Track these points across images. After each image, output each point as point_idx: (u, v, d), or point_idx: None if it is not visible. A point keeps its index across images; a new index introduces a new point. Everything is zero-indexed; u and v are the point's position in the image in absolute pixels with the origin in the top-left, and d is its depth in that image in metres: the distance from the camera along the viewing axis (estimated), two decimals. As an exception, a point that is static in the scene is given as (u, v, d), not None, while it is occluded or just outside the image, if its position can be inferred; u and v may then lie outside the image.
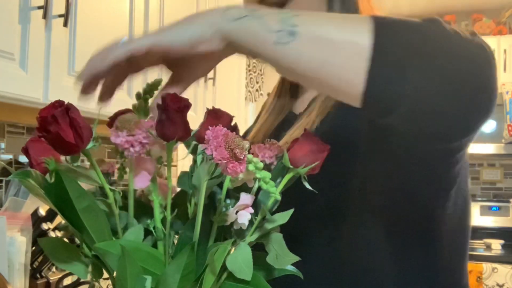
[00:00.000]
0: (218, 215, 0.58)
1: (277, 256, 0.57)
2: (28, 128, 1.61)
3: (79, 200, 0.54)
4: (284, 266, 0.58)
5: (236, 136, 0.53)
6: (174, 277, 0.54)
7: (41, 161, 0.55)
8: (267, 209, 0.58)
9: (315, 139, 0.59)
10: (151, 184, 0.59)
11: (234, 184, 0.60)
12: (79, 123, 0.52)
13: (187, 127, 0.55)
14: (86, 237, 0.55)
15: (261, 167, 0.55)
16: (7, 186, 1.49)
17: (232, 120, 0.64)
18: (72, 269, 0.59)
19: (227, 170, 0.52)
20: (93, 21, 1.35)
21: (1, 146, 1.54)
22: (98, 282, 0.61)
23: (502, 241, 3.13)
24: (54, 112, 0.50)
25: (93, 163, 0.56)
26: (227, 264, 0.55)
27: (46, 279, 1.34)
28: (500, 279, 2.72)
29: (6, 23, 1.10)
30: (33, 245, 1.28)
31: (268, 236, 0.59)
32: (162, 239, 0.59)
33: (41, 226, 1.29)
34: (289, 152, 0.60)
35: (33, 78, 1.16)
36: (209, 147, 0.52)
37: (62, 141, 0.51)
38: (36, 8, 1.15)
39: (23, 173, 0.53)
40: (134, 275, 0.53)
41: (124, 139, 0.55)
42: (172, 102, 0.54)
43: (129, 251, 0.52)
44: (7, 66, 1.10)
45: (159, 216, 0.59)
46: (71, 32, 1.27)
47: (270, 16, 0.54)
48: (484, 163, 3.60)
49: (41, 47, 1.18)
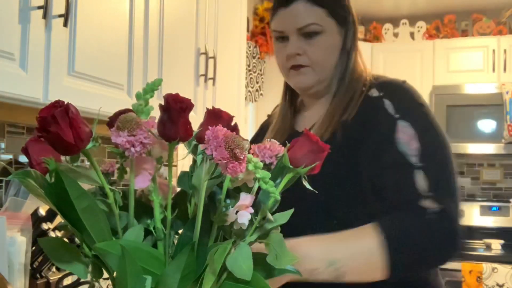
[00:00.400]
0: (218, 215, 0.58)
1: (277, 256, 0.57)
2: (28, 128, 1.61)
3: (79, 200, 0.54)
4: (284, 266, 0.58)
5: (236, 136, 0.53)
6: (174, 277, 0.54)
7: (41, 161, 0.55)
8: (267, 209, 0.58)
9: (315, 140, 0.59)
10: (151, 184, 0.59)
11: (234, 184, 0.60)
12: (79, 123, 0.52)
13: (189, 127, 0.56)
14: (86, 237, 0.55)
15: (261, 167, 0.55)
16: (7, 186, 1.49)
17: (232, 120, 0.64)
18: (72, 269, 0.59)
19: (227, 170, 0.52)
20: (93, 21, 1.35)
21: (1, 146, 1.54)
22: (98, 282, 0.61)
23: (502, 241, 3.13)
24: (54, 112, 0.50)
25: (93, 163, 0.56)
26: (227, 264, 0.55)
27: (46, 279, 1.34)
28: (500, 279, 2.72)
29: (6, 23, 1.10)
30: (33, 245, 1.28)
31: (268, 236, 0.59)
32: (162, 239, 0.59)
33: (41, 226, 1.29)
34: (289, 152, 0.60)
35: (33, 78, 1.16)
36: (209, 147, 0.52)
37: (61, 141, 0.51)
38: (36, 8, 1.15)
39: (23, 173, 0.53)
40: (134, 275, 0.53)
41: (125, 139, 0.55)
42: (174, 103, 0.54)
43: (129, 251, 0.52)
44: (7, 66, 1.10)
45: (159, 216, 0.59)
46: (71, 32, 1.27)
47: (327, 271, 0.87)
48: (484, 163, 3.60)
49: (41, 47, 1.18)
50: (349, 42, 1.09)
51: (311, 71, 1.07)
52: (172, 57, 1.74)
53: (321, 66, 1.07)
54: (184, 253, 0.55)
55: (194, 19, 1.90)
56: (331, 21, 1.07)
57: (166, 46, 1.69)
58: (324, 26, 1.06)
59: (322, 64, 1.07)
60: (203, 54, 1.93)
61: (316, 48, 1.06)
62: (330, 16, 1.06)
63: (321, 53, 1.06)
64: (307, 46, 1.06)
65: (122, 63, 1.49)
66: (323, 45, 1.06)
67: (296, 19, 1.05)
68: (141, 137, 0.55)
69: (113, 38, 1.44)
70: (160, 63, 1.68)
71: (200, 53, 1.92)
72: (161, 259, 0.57)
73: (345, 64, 1.09)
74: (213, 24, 2.03)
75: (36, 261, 1.32)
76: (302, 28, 1.05)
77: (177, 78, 1.79)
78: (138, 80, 1.55)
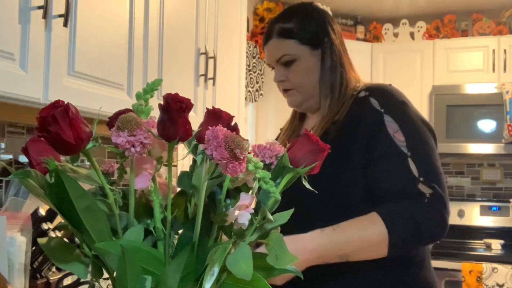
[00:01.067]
0: (218, 215, 0.58)
1: (277, 256, 0.57)
2: (28, 128, 1.61)
3: (79, 200, 0.53)
4: (284, 266, 0.58)
5: (236, 136, 0.53)
6: (174, 277, 0.54)
7: (41, 161, 0.55)
8: (267, 209, 0.58)
9: (315, 140, 0.59)
10: (151, 184, 0.59)
11: (234, 184, 0.60)
12: (79, 123, 0.52)
13: (189, 127, 0.55)
14: (86, 237, 0.55)
15: (261, 167, 0.55)
16: (7, 186, 1.49)
17: (232, 120, 0.63)
18: (72, 269, 0.59)
19: (227, 170, 0.52)
20: (93, 21, 1.35)
21: (1, 146, 1.54)
22: (98, 282, 0.61)
23: (502, 241, 3.13)
24: (54, 112, 0.50)
25: (93, 163, 0.56)
26: (227, 264, 0.55)
27: (46, 279, 1.34)
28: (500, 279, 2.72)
29: (6, 23, 1.10)
30: (33, 245, 1.28)
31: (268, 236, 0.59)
32: (162, 239, 0.59)
33: (41, 226, 1.29)
34: (289, 153, 0.60)
35: (33, 78, 1.16)
36: (209, 147, 0.52)
37: (61, 141, 0.51)
38: (36, 8, 1.15)
39: (23, 173, 0.53)
40: (134, 275, 0.53)
41: (125, 139, 0.54)
42: (173, 103, 0.54)
43: (129, 251, 0.52)
44: (7, 66, 1.10)
45: (159, 216, 0.59)
46: (71, 32, 1.27)
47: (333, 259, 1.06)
48: (484, 163, 3.60)
49: (41, 47, 1.18)
50: (327, 61, 1.23)
51: (296, 92, 1.25)
52: (172, 57, 1.74)
53: (303, 87, 1.24)
54: (184, 253, 0.55)
55: (194, 19, 1.90)
56: (303, 48, 1.22)
57: (166, 46, 1.69)
58: (296, 54, 1.22)
59: (303, 86, 1.23)
60: (203, 54, 1.93)
61: (295, 74, 1.23)
62: (301, 44, 1.22)
63: (300, 77, 1.23)
64: (288, 73, 1.24)
65: (122, 63, 1.49)
66: (300, 70, 1.23)
67: (273, 52, 1.25)
68: (141, 137, 0.55)
69: (113, 38, 1.44)
70: (160, 63, 1.68)
71: (200, 53, 1.92)
72: (161, 259, 0.57)
73: (329, 81, 1.22)
74: (213, 24, 2.03)
75: (36, 261, 1.32)
76: (279, 59, 1.24)
77: (177, 78, 1.79)
78: (138, 80, 1.55)
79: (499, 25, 3.57)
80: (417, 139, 1.12)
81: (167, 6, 1.70)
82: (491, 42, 3.36)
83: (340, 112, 1.18)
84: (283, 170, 0.60)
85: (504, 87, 3.17)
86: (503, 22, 3.57)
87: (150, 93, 0.60)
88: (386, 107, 1.14)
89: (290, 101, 1.28)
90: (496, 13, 3.60)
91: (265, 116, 3.59)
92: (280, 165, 0.61)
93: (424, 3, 3.62)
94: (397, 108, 1.15)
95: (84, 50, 1.31)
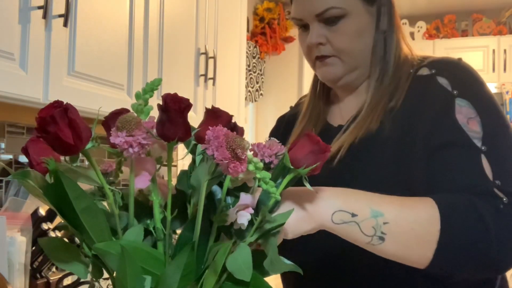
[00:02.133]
0: (218, 215, 0.58)
1: (271, 261, 0.57)
2: (28, 128, 1.61)
3: (79, 200, 0.53)
4: (279, 272, 0.58)
5: (236, 136, 0.53)
6: (174, 277, 0.54)
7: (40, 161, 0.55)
8: (267, 209, 0.58)
9: (316, 140, 0.59)
10: (151, 184, 0.58)
11: (234, 183, 0.59)
12: (78, 123, 0.51)
13: (188, 127, 0.55)
14: (86, 237, 0.55)
15: (261, 167, 0.55)
16: (7, 186, 1.49)
17: (231, 119, 0.63)
18: (72, 269, 0.59)
19: (228, 170, 0.52)
20: (93, 21, 1.35)
21: (1, 146, 1.54)
22: (98, 282, 0.61)
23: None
24: (53, 113, 0.50)
25: (93, 163, 0.56)
26: (226, 265, 0.55)
27: (46, 279, 1.34)
28: (500, 279, 2.72)
29: (6, 23, 1.10)
30: (33, 245, 1.28)
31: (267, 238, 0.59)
32: (162, 239, 0.59)
33: (41, 226, 1.29)
34: (289, 153, 0.59)
35: (33, 78, 1.16)
36: (210, 147, 0.52)
37: (61, 142, 0.51)
38: (36, 8, 1.15)
39: (23, 173, 0.53)
40: (134, 275, 0.53)
41: (123, 140, 0.54)
42: (172, 103, 0.54)
43: (129, 251, 0.52)
44: (7, 66, 1.10)
45: (159, 216, 0.59)
46: (71, 32, 1.27)
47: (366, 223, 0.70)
48: (484, 163, 3.60)
49: (41, 47, 1.18)
50: (384, 21, 0.94)
51: (338, 61, 0.94)
52: (172, 57, 1.74)
53: (350, 54, 0.93)
54: (184, 253, 0.55)
55: (194, 19, 1.90)
56: (356, 1, 0.91)
57: (166, 46, 1.69)
58: (346, 8, 0.90)
59: (350, 52, 0.93)
60: (203, 54, 1.93)
61: (341, 35, 0.91)
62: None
63: (347, 40, 0.92)
64: (330, 34, 0.92)
65: (122, 63, 1.49)
66: (349, 30, 0.91)
67: (313, 3, 0.91)
68: (139, 137, 0.55)
69: (113, 38, 1.44)
70: (160, 63, 1.68)
71: (200, 53, 1.92)
72: (161, 259, 0.57)
73: (383, 48, 0.95)
74: (213, 24, 2.03)
75: (36, 261, 1.32)
76: (321, 14, 0.91)
77: (177, 78, 1.79)
78: (138, 80, 1.55)
79: (499, 25, 3.57)
80: (496, 133, 0.83)
81: (167, 6, 1.70)
82: (491, 42, 3.36)
83: (397, 96, 0.91)
84: (284, 171, 0.60)
85: (504, 87, 3.16)
86: (503, 22, 3.57)
87: (149, 93, 0.59)
88: (460, 89, 0.86)
89: (326, 72, 0.95)
90: (496, 13, 3.60)
91: (265, 116, 3.59)
92: (281, 166, 0.60)
93: (424, 3, 3.62)
94: (474, 91, 0.86)
95: (84, 50, 1.31)
